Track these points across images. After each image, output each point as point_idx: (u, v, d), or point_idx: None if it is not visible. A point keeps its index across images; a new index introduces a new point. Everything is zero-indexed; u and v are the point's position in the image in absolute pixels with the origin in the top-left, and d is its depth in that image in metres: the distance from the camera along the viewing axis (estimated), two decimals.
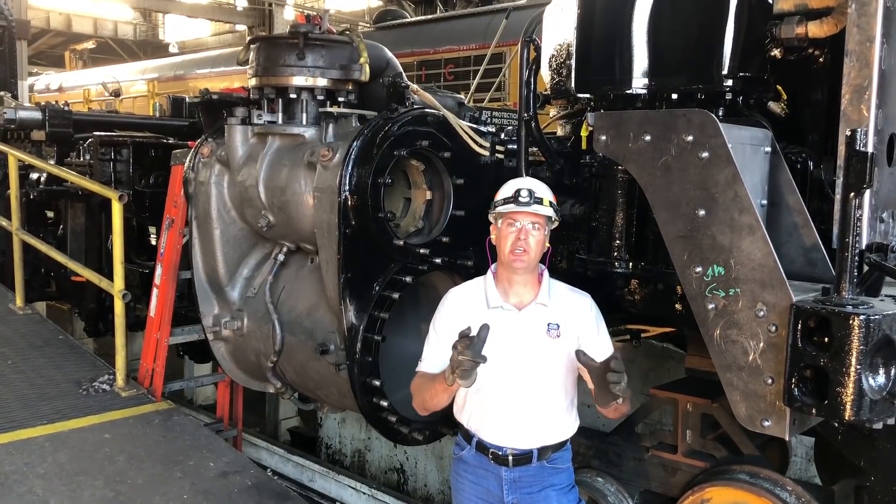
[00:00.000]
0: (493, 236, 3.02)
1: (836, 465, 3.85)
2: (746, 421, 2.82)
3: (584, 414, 3.19)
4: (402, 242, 3.86)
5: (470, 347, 2.59)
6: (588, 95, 3.56)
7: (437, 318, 3.05)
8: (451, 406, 3.06)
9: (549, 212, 2.92)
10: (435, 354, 2.99)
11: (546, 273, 3.05)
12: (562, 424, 3.03)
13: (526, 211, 2.87)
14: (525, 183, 2.97)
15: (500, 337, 2.90)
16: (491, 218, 3.00)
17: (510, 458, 2.98)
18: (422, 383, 2.99)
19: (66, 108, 6.74)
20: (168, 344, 4.95)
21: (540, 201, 2.89)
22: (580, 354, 2.75)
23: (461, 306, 3.02)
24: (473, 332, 2.64)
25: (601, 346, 2.99)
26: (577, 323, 2.98)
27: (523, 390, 2.94)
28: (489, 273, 3.05)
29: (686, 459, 3.76)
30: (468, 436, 3.05)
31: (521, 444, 2.97)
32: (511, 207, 2.89)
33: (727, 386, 2.84)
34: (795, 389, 2.59)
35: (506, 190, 2.96)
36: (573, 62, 3.50)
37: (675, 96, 3.30)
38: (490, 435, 2.99)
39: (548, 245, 2.97)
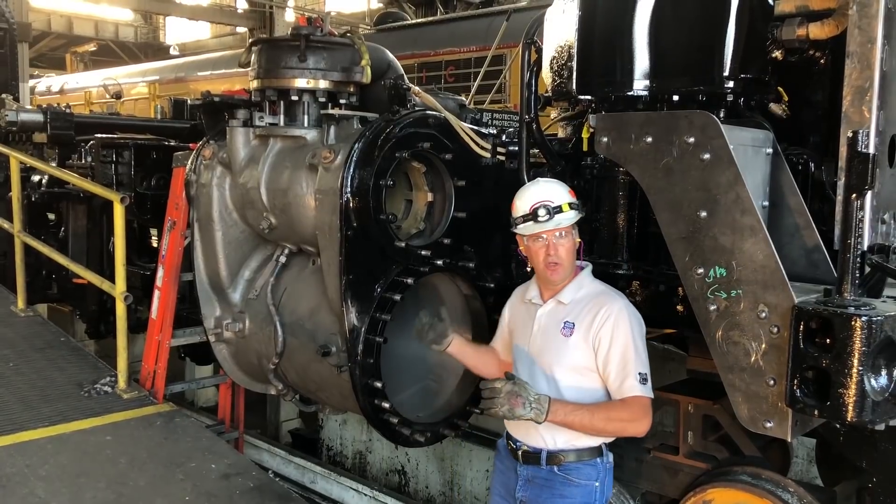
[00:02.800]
0: (521, 248, 3.04)
1: (838, 467, 3.85)
2: (748, 422, 2.82)
3: None
4: (403, 244, 3.87)
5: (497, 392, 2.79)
6: (589, 97, 3.56)
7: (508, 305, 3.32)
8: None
9: (572, 218, 2.90)
10: (498, 335, 3.37)
11: (584, 271, 3.04)
12: (576, 432, 2.92)
13: (548, 229, 2.88)
14: (540, 195, 2.92)
15: (525, 329, 3.04)
16: (513, 230, 3.00)
17: (520, 453, 3.01)
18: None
19: (67, 111, 6.74)
20: (170, 346, 4.95)
21: (560, 210, 2.87)
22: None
23: (514, 297, 3.26)
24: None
25: (609, 360, 2.87)
26: (592, 328, 2.89)
27: (536, 385, 2.93)
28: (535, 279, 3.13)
29: (688, 461, 3.76)
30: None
31: (530, 440, 2.99)
32: (532, 228, 2.89)
33: (729, 387, 2.84)
34: (797, 391, 2.60)
35: (522, 205, 2.93)
36: (574, 64, 3.50)
37: (676, 98, 3.29)
38: (511, 426, 3.07)
39: (578, 240, 2.97)
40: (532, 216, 2.87)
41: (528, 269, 3.12)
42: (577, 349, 2.91)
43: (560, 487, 2.95)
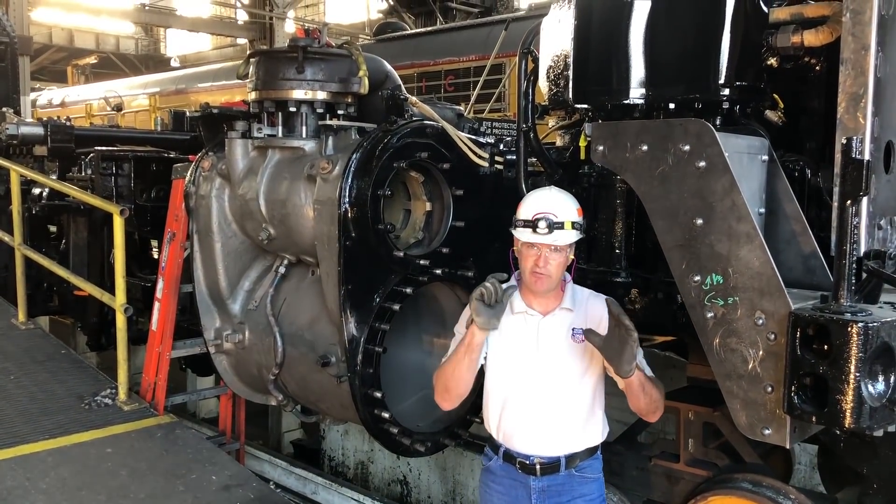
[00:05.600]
0: (515, 248, 2.97)
1: (840, 473, 3.85)
2: (747, 429, 2.81)
3: None
4: (402, 254, 3.87)
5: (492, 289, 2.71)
6: (586, 106, 3.57)
7: (464, 318, 3.01)
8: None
9: (571, 238, 2.85)
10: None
11: (570, 279, 3.02)
12: (589, 431, 3.01)
13: (543, 242, 2.83)
14: (546, 206, 2.86)
15: (524, 342, 2.94)
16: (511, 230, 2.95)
17: (537, 466, 2.96)
18: (442, 364, 2.98)
19: (67, 124, 6.77)
20: (170, 357, 4.95)
21: (561, 226, 2.82)
22: (588, 334, 2.76)
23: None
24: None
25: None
26: (600, 327, 2.88)
27: (549, 396, 2.92)
28: (514, 278, 3.01)
29: (688, 468, 3.75)
30: (495, 446, 3.05)
31: (547, 451, 2.96)
32: (528, 236, 2.84)
33: (727, 394, 2.84)
34: (795, 397, 2.59)
35: (526, 210, 2.88)
36: (570, 73, 3.51)
37: (672, 106, 3.30)
38: (517, 443, 2.98)
39: (571, 257, 2.92)
40: (532, 224, 2.82)
41: (515, 274, 3.02)
42: (590, 353, 2.91)
43: (579, 487, 2.99)
